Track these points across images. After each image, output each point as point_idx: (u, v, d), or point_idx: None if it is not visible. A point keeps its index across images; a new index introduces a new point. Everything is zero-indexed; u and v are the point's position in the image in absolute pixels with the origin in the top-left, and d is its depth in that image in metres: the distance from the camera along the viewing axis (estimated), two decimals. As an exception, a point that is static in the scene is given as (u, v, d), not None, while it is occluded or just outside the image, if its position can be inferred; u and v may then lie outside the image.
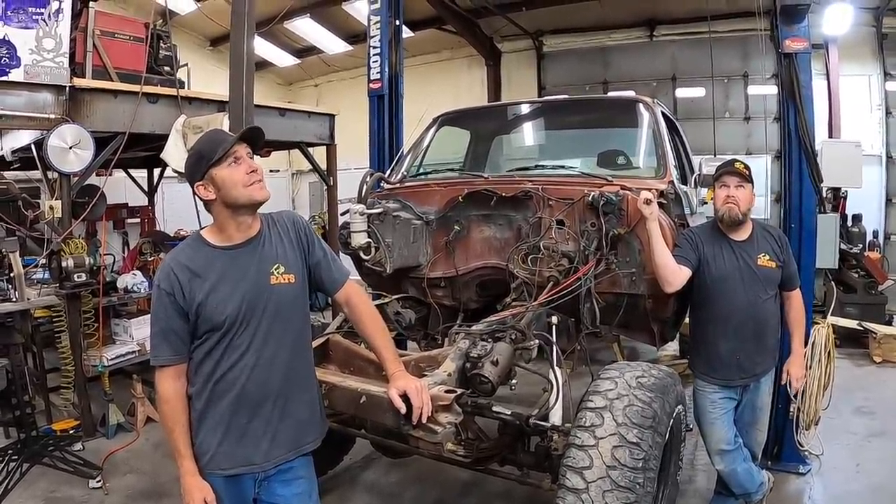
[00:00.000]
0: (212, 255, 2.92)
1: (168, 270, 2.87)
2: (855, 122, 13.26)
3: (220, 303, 2.85)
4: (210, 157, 2.84)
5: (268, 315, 2.95)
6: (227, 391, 2.90)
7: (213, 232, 3.00)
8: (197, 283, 2.84)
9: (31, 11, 6.70)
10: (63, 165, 6.68)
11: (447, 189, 5.30)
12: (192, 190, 2.94)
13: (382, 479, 5.88)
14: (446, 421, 3.17)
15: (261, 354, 2.94)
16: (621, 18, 15.31)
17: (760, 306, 4.44)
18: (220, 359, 2.89)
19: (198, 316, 2.84)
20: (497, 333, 3.97)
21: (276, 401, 2.99)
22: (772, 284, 4.48)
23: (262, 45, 17.91)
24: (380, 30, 7.65)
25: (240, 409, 2.92)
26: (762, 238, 4.51)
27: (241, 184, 2.85)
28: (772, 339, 4.61)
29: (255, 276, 2.95)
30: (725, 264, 4.43)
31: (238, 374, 2.90)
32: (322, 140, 10.04)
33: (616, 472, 3.16)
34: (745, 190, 4.38)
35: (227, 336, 2.88)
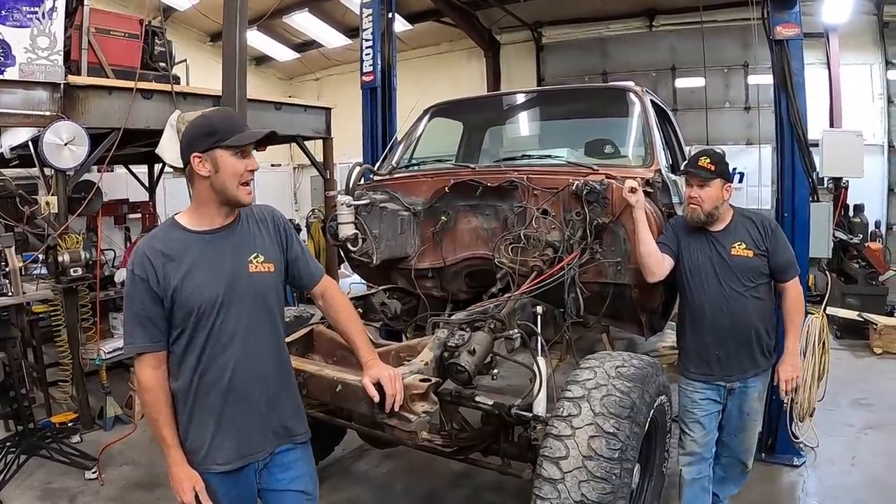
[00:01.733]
0: (187, 240, 2.84)
1: (142, 255, 2.78)
2: (856, 112, 13.20)
3: (196, 288, 2.78)
4: (223, 137, 2.78)
5: (248, 303, 2.90)
6: (216, 382, 2.84)
7: (190, 215, 2.91)
8: (171, 267, 2.77)
9: (26, 10, 6.72)
10: (58, 162, 6.71)
11: (434, 180, 5.31)
12: (185, 160, 2.85)
13: (374, 470, 5.90)
14: (421, 410, 3.17)
15: (246, 343, 2.89)
16: (620, 9, 15.31)
17: (737, 299, 4.19)
18: (203, 348, 2.82)
19: (173, 302, 2.76)
20: (476, 323, 3.96)
21: (263, 391, 2.96)
22: (750, 275, 4.21)
23: (262, 39, 17.99)
24: (372, 22, 7.64)
25: (230, 400, 2.86)
26: (740, 226, 4.29)
27: (237, 179, 2.82)
28: (762, 335, 4.29)
29: (231, 262, 2.89)
30: (699, 255, 4.29)
31: (225, 364, 2.84)
32: (319, 134, 10.06)
33: (592, 462, 3.16)
34: (710, 188, 4.18)
35: (205, 324, 2.80)
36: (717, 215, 4.26)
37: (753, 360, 4.28)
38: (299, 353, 4.26)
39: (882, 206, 13.71)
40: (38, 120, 6.78)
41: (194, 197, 2.90)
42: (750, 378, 4.30)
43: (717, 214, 4.26)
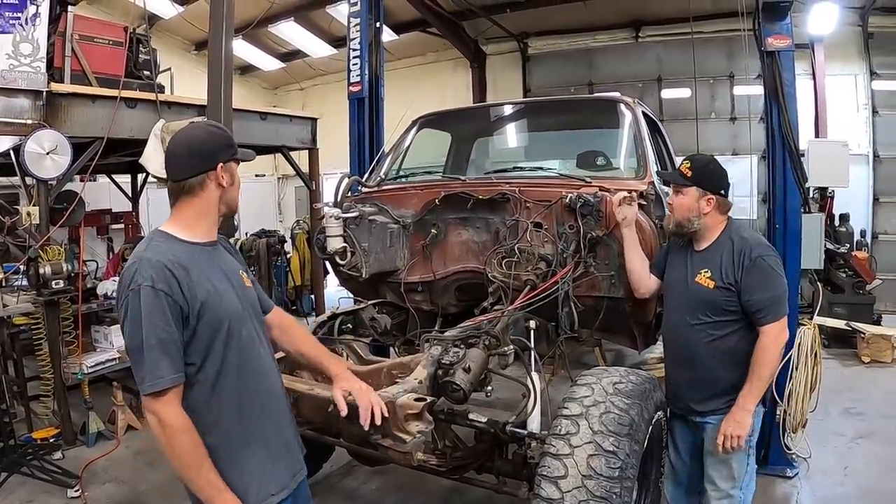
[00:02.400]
0: (193, 251, 2.64)
1: (161, 267, 2.46)
2: (841, 122, 13.33)
3: (222, 299, 2.61)
4: (236, 151, 2.79)
5: (253, 317, 2.82)
6: (256, 401, 2.71)
7: (184, 227, 2.69)
8: (194, 279, 2.52)
9: (8, 16, 6.66)
10: (40, 171, 6.62)
11: (424, 192, 5.24)
12: (201, 169, 2.66)
13: (363, 487, 5.81)
14: (416, 430, 3.13)
15: (267, 355, 2.85)
16: (606, 20, 15.33)
17: (688, 332, 3.87)
18: (238, 366, 2.64)
19: (199, 318, 2.51)
20: (470, 339, 3.91)
21: (286, 402, 2.95)
22: (707, 309, 3.79)
23: (247, 49, 17.94)
24: (360, 32, 7.59)
25: (272, 417, 2.78)
26: (718, 249, 3.82)
27: (239, 188, 2.84)
28: (719, 377, 3.82)
29: (234, 275, 2.80)
30: (674, 274, 4.04)
31: (261, 379, 2.74)
32: (304, 144, 10.01)
33: (592, 481, 3.09)
34: (682, 196, 3.87)
35: (236, 338, 2.63)
36: (690, 228, 3.89)
37: (708, 400, 3.89)
38: (287, 371, 4.17)
39: (867, 215, 13.77)
40: (20, 128, 6.69)
41: (195, 207, 2.70)
42: (708, 416, 3.90)
43: (692, 228, 3.88)
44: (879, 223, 13.85)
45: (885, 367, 9.23)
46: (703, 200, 3.83)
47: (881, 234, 13.74)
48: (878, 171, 13.84)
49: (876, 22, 13.54)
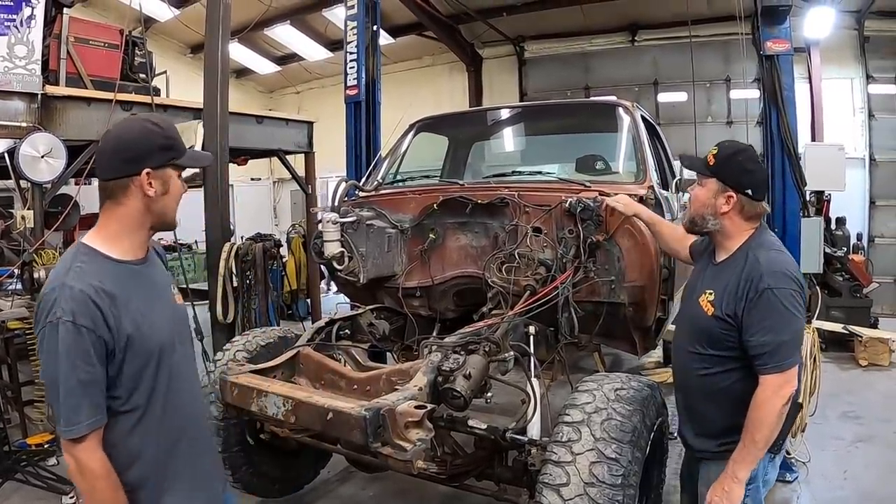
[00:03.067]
0: (120, 272, 2.37)
1: (82, 298, 2.21)
2: (838, 125, 13.36)
3: (150, 329, 2.37)
4: (179, 154, 2.47)
5: (184, 337, 2.65)
6: (184, 433, 2.52)
7: (111, 241, 2.41)
8: (119, 309, 2.28)
9: (3, 18, 6.65)
10: (35, 175, 6.58)
11: (422, 196, 5.20)
12: (125, 172, 2.37)
13: (361, 494, 5.76)
14: (416, 437, 3.08)
15: (191, 382, 2.67)
16: (603, 23, 15.36)
17: (683, 357, 3.36)
18: (165, 399, 2.43)
19: (125, 353, 2.29)
20: (470, 345, 3.87)
21: (209, 428, 2.84)
22: (703, 338, 3.17)
23: (242, 52, 17.92)
24: (357, 35, 7.59)
25: (197, 450, 2.59)
26: (731, 268, 3.10)
27: (178, 200, 2.52)
28: (711, 416, 3.23)
29: (165, 294, 2.60)
30: (691, 284, 3.44)
31: (188, 411, 2.55)
32: (300, 148, 9.99)
33: (594, 489, 3.05)
34: (702, 190, 3.21)
35: (164, 369, 2.41)
36: (703, 227, 3.24)
37: (699, 438, 3.34)
38: (285, 377, 4.15)
39: (864, 218, 13.82)
40: (14, 131, 6.68)
41: (120, 218, 2.42)
42: (701, 454, 3.35)
43: (705, 227, 3.23)
44: (876, 226, 13.90)
45: (882, 371, 9.21)
46: (722, 197, 3.11)
47: (878, 238, 13.77)
48: (875, 175, 13.90)
49: (872, 26, 13.59)
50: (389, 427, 3.12)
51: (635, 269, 4.37)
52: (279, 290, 9.59)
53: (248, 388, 3.73)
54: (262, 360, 4.39)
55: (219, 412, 4.50)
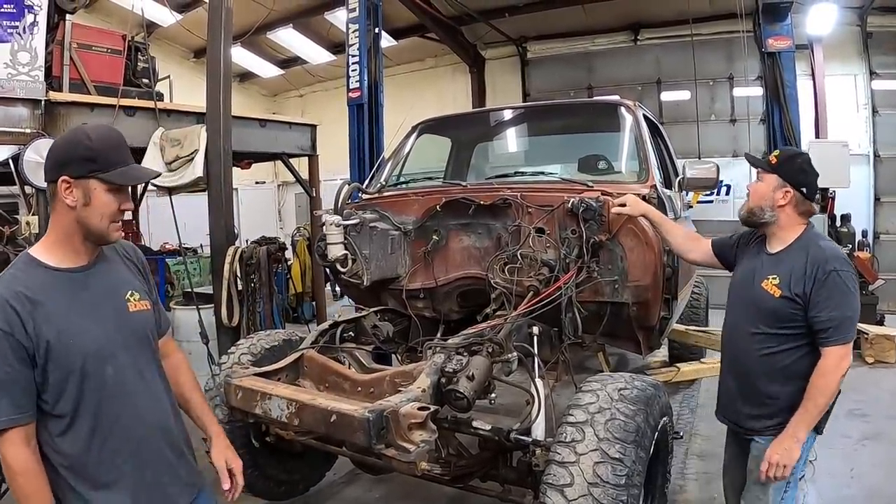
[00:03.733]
0: (54, 280, 2.39)
1: (2, 304, 2.25)
2: (841, 122, 13.30)
3: (77, 337, 2.34)
4: (103, 167, 2.37)
5: (134, 346, 2.55)
6: (123, 445, 2.45)
7: (50, 249, 2.43)
8: (41, 315, 2.28)
9: (6, 25, 6.65)
10: (39, 180, 6.57)
11: (425, 198, 5.20)
12: (49, 178, 2.39)
13: (366, 496, 5.76)
14: (420, 439, 3.08)
15: (146, 393, 2.56)
16: (605, 23, 15.36)
17: (743, 338, 3.57)
18: (98, 410, 2.39)
19: (46, 359, 2.28)
20: (473, 347, 3.87)
21: (170, 441, 2.65)
22: (767, 319, 3.44)
23: (245, 56, 17.96)
24: (358, 38, 7.62)
25: (143, 462, 2.51)
26: (791, 256, 3.44)
27: (108, 217, 2.42)
28: (771, 393, 3.48)
29: (112, 302, 2.53)
30: (741, 274, 3.71)
31: (130, 423, 2.47)
32: (304, 151, 9.96)
33: (598, 489, 3.05)
34: (760, 183, 3.54)
35: (94, 380, 2.37)
36: (760, 219, 3.54)
37: (756, 418, 3.56)
38: (289, 380, 4.15)
39: (868, 215, 13.77)
40: (18, 137, 6.68)
41: (54, 227, 2.44)
42: (754, 434, 3.59)
43: (763, 219, 3.53)
44: (881, 223, 13.85)
45: (889, 368, 9.18)
46: (781, 192, 3.44)
47: (883, 234, 13.73)
48: (879, 171, 13.85)
49: (875, 21, 13.56)
50: (393, 429, 3.12)
51: (638, 268, 4.36)
52: (284, 294, 9.63)
53: (252, 390, 3.73)
54: (267, 363, 4.40)
55: (224, 415, 4.51)
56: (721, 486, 4.12)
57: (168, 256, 11.64)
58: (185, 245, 8.22)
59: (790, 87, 5.56)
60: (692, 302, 8.24)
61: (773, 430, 3.45)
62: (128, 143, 2.57)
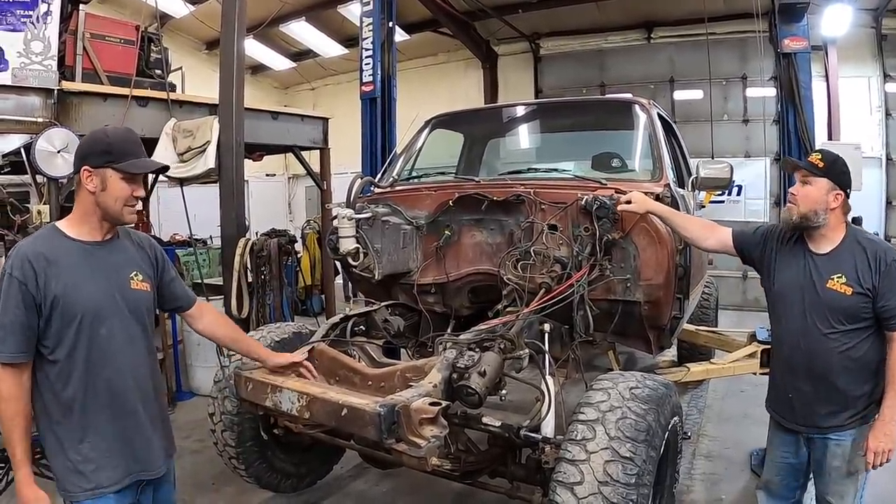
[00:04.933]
0: (70, 247, 2.84)
1: (23, 257, 2.72)
2: (854, 124, 13.18)
3: (79, 295, 2.77)
4: (116, 159, 2.82)
5: (128, 317, 2.95)
6: (103, 393, 2.83)
7: (73, 224, 2.91)
8: (53, 272, 2.74)
9: (20, 14, 6.65)
10: (51, 170, 6.60)
11: (438, 193, 5.19)
12: (75, 169, 2.88)
13: (373, 490, 5.76)
14: (431, 434, 3.09)
15: (130, 357, 2.95)
16: (618, 20, 15.30)
17: (818, 340, 3.56)
18: (87, 359, 2.80)
19: (52, 309, 2.72)
20: (485, 343, 3.86)
21: (147, 407, 3.02)
22: (842, 316, 3.50)
23: (257, 48, 17.96)
24: (372, 32, 7.61)
25: (118, 412, 2.88)
26: (848, 253, 3.54)
27: (122, 200, 2.86)
28: (847, 388, 3.55)
29: (114, 274, 2.94)
30: (790, 278, 3.70)
31: (111, 376, 2.85)
32: (316, 144, 9.96)
33: (608, 488, 3.04)
34: (811, 187, 3.53)
35: (87, 333, 2.79)
36: (814, 223, 3.55)
37: (833, 415, 3.60)
38: (299, 374, 4.15)
39: (880, 218, 13.72)
40: (31, 126, 6.71)
41: (78, 206, 2.91)
42: (830, 432, 3.63)
43: (815, 224, 3.55)
44: (893, 227, 13.78)
45: None
46: (832, 195, 3.51)
47: (894, 238, 13.57)
48: (892, 174, 13.78)
49: (890, 24, 13.45)
50: (404, 424, 3.13)
51: (651, 267, 4.34)
52: (293, 286, 9.61)
53: (262, 383, 3.74)
54: (276, 356, 4.40)
55: (233, 407, 4.52)
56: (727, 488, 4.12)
57: (178, 247, 11.66)
58: (195, 236, 8.22)
59: (805, 89, 5.55)
60: (702, 302, 8.22)
61: (848, 426, 3.57)
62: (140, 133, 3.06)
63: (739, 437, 6.54)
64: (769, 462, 4.05)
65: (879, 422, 3.45)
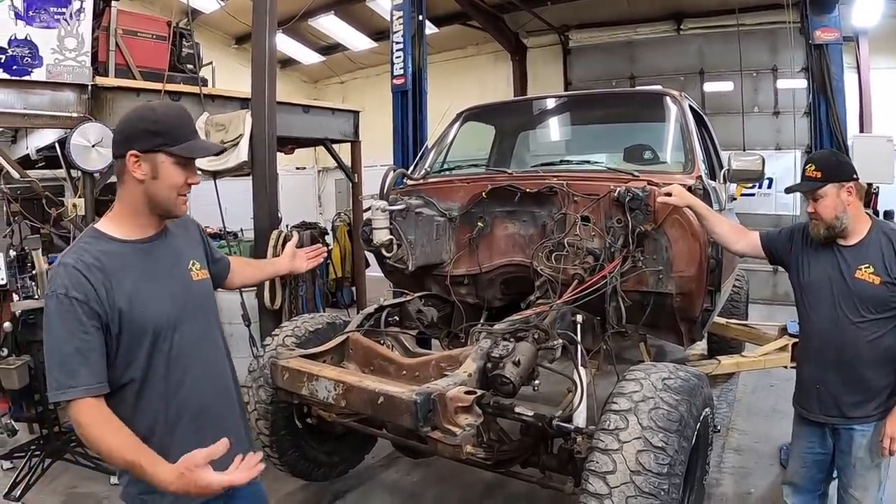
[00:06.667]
0: (122, 251, 2.44)
1: (74, 273, 2.29)
2: (887, 117, 12.97)
3: (147, 305, 2.41)
4: (170, 141, 2.42)
5: (200, 314, 2.65)
6: (186, 410, 2.51)
7: (115, 222, 2.50)
8: (112, 285, 2.33)
9: (53, 11, 6.74)
10: (86, 163, 6.71)
11: (470, 185, 5.23)
12: (117, 153, 2.44)
13: (404, 479, 5.82)
14: (466, 423, 3.12)
15: (208, 359, 2.66)
16: (648, 12, 15.20)
17: (848, 330, 3.59)
18: (166, 374, 2.45)
19: (120, 327, 2.34)
20: (519, 333, 3.90)
21: (232, 407, 2.76)
22: (871, 305, 3.55)
23: (287, 43, 18.03)
24: (403, 25, 7.63)
25: (205, 426, 2.54)
26: (875, 244, 3.59)
27: (176, 189, 2.48)
28: (874, 378, 3.59)
29: (176, 270, 2.61)
30: (818, 271, 3.75)
31: (193, 386, 2.54)
32: (346, 137, 10.00)
33: (640, 477, 3.06)
34: (824, 199, 3.58)
35: (162, 346, 2.44)
36: (841, 226, 3.61)
37: (858, 406, 3.65)
38: (334, 363, 4.21)
39: (912, 210, 13.42)
40: (66, 121, 6.82)
41: (122, 199, 2.49)
42: (856, 422, 3.66)
43: (843, 225, 3.61)
44: (925, 219, 13.52)
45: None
46: (843, 192, 3.57)
47: (926, 230, 13.44)
48: (925, 167, 13.52)
49: (923, 15, 13.23)
50: (439, 412, 3.17)
51: (683, 259, 4.37)
52: (325, 278, 9.69)
53: (299, 371, 3.79)
54: (311, 346, 4.46)
55: (267, 396, 4.58)
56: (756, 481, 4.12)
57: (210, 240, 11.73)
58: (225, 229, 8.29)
59: (837, 80, 5.51)
60: (733, 295, 8.19)
61: (873, 416, 3.60)
62: None
63: (769, 431, 6.53)
64: (794, 455, 4.08)
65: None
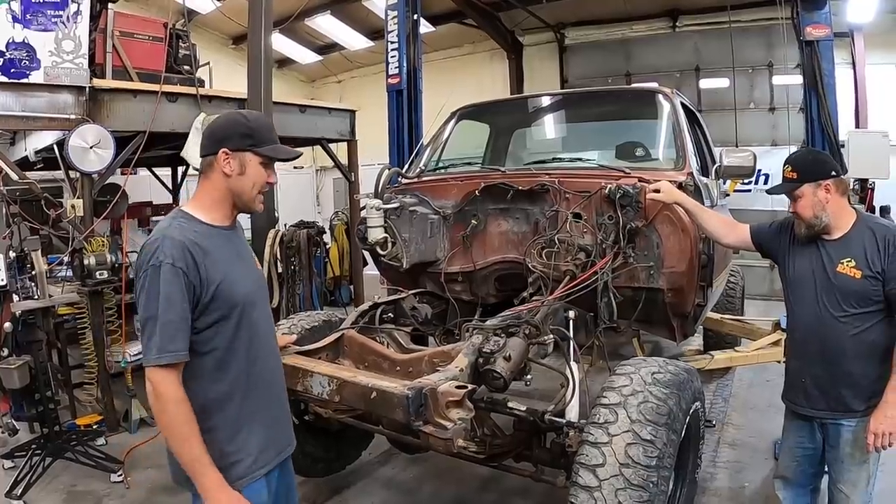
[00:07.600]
0: (212, 233, 2.72)
1: (181, 246, 2.53)
2: (882, 112, 12.96)
3: (236, 282, 2.69)
4: (258, 143, 2.74)
5: (264, 299, 3.00)
6: (260, 381, 2.80)
7: (204, 209, 2.77)
8: (210, 261, 2.60)
9: (50, 14, 6.76)
10: (84, 165, 6.74)
11: (464, 183, 5.27)
12: (209, 151, 2.73)
13: (401, 475, 5.86)
14: (457, 417, 3.15)
15: (271, 339, 2.98)
16: (643, 9, 15.23)
17: (831, 325, 3.60)
18: (249, 343, 2.73)
19: (211, 300, 2.58)
20: (510, 328, 3.93)
21: (283, 385, 3.08)
22: (853, 300, 3.54)
23: (284, 42, 18.04)
24: (397, 24, 7.66)
25: (273, 397, 2.91)
26: (858, 238, 3.58)
27: (258, 186, 2.79)
28: (859, 373, 3.58)
29: (250, 259, 2.99)
30: (802, 265, 3.75)
31: (266, 357, 2.86)
32: (343, 136, 10.03)
33: (629, 469, 3.10)
34: (803, 199, 3.60)
35: (247, 318, 2.72)
36: (821, 224, 3.62)
37: (843, 401, 3.63)
38: (329, 359, 4.25)
39: (910, 206, 13.43)
40: (64, 123, 6.84)
41: (208, 191, 2.78)
42: (841, 418, 3.65)
43: (822, 222, 3.62)
44: (921, 215, 13.53)
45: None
46: (821, 190, 3.57)
47: (923, 225, 13.44)
48: (920, 163, 13.52)
49: (919, 10, 13.23)
50: (431, 406, 3.19)
51: (674, 255, 4.41)
52: (322, 276, 9.73)
53: (294, 368, 3.81)
54: (307, 343, 4.49)
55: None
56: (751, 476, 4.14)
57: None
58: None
59: (828, 77, 5.55)
60: (728, 291, 8.22)
61: (860, 413, 3.57)
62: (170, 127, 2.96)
63: (764, 426, 6.55)
64: (785, 450, 4.08)
65: (882, 404, 3.47)
